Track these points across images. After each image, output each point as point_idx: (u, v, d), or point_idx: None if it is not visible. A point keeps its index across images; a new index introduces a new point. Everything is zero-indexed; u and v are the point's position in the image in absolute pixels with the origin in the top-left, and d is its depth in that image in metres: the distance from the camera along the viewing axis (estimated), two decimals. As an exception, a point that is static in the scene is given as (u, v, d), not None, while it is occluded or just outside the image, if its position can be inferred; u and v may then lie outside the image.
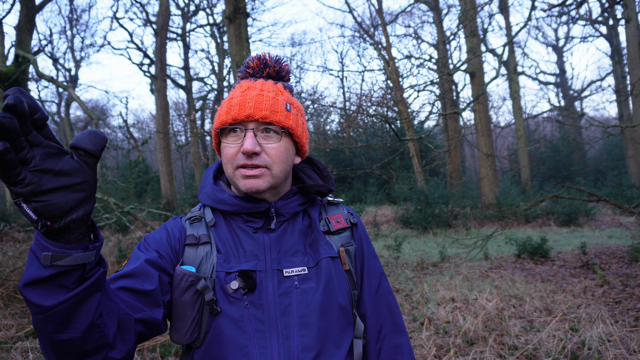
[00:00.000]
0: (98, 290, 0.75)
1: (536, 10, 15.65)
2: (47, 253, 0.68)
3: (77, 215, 0.67)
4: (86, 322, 0.74)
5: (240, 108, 0.99)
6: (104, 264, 0.77)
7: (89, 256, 0.71)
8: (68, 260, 0.69)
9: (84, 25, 24.96)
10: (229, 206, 1.05)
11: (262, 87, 1.04)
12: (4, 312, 4.67)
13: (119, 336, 0.82)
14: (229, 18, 5.31)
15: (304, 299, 0.99)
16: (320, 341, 0.98)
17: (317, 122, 22.81)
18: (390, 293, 1.15)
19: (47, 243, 0.68)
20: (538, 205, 10.75)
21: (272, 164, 1.00)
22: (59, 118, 26.17)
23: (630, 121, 15.93)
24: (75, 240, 0.70)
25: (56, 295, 0.71)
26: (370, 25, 19.83)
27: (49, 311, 0.71)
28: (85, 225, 0.71)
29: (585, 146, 24.18)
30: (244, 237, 1.04)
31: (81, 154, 0.66)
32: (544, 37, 33.22)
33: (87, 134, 0.67)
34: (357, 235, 1.14)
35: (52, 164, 0.64)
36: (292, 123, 1.03)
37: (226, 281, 0.99)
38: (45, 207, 0.64)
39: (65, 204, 0.66)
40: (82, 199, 0.67)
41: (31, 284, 0.70)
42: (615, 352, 3.32)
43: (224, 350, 0.96)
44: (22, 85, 6.08)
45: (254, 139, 0.98)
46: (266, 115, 0.98)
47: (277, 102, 1.01)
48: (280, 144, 1.01)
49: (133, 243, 8.21)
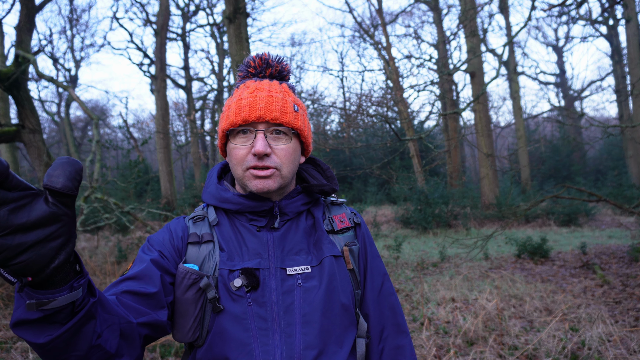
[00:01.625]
0: (91, 319, 0.74)
1: (536, 10, 15.66)
2: (31, 301, 0.65)
3: (58, 262, 0.63)
4: (84, 348, 0.74)
5: (250, 109, 0.99)
6: (94, 293, 0.76)
7: (75, 295, 0.69)
8: (54, 304, 0.66)
9: (84, 25, 24.95)
10: (232, 205, 1.05)
11: (270, 88, 1.04)
12: (4, 312, 4.67)
13: (124, 344, 0.82)
14: (229, 18, 5.31)
15: (307, 297, 0.99)
16: (323, 339, 0.98)
17: (317, 122, 22.81)
18: (393, 294, 1.15)
19: (30, 291, 0.65)
20: (538, 205, 10.75)
21: (282, 165, 1.01)
22: (59, 118, 26.16)
23: (630, 121, 15.92)
24: (61, 281, 0.67)
25: (49, 332, 0.70)
26: (370, 25, 19.83)
27: (45, 347, 0.70)
28: (68, 263, 0.67)
29: (585, 146, 24.17)
30: (247, 235, 1.04)
31: (56, 196, 0.60)
32: (544, 37, 33.25)
33: (59, 168, 0.60)
34: (360, 235, 1.14)
35: (23, 218, 0.57)
36: (300, 124, 1.04)
37: (229, 279, 0.99)
38: (24, 268, 0.59)
39: (44, 257, 0.60)
40: (61, 245, 0.62)
41: (20, 324, 0.69)
42: (615, 352, 3.32)
43: (227, 348, 0.96)
44: (22, 85, 6.07)
45: (264, 141, 0.98)
46: (277, 116, 0.99)
47: (286, 103, 1.02)
48: (290, 145, 1.02)
49: (133, 243, 8.21)
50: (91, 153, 6.14)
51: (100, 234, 11.10)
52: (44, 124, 31.45)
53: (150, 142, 27.01)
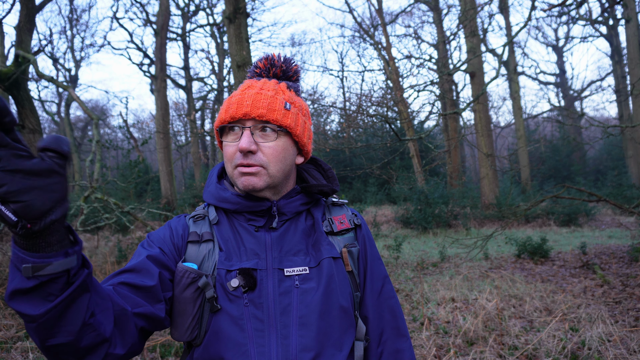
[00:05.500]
0: (85, 291, 0.75)
1: (536, 10, 15.65)
2: (27, 265, 0.67)
3: (55, 215, 0.66)
4: (78, 324, 0.74)
5: (238, 106, 0.99)
6: (88, 265, 0.77)
7: (70, 262, 0.70)
8: (50, 269, 0.68)
9: (84, 25, 24.98)
10: (231, 204, 1.05)
11: (262, 86, 1.04)
12: (4, 312, 4.67)
13: (117, 332, 0.82)
14: (229, 18, 5.31)
15: (305, 299, 0.99)
16: (320, 342, 0.97)
17: (317, 122, 22.81)
18: (393, 297, 1.14)
19: (25, 255, 0.67)
20: (538, 205, 10.75)
21: (269, 163, 1.00)
22: (59, 118, 26.16)
23: (630, 121, 15.92)
24: (56, 243, 0.69)
25: (44, 304, 0.70)
26: (370, 25, 19.83)
27: (39, 319, 0.70)
28: (63, 227, 0.70)
29: (585, 146, 24.18)
30: (245, 235, 1.04)
31: (51, 156, 0.65)
32: (544, 37, 33.22)
33: (52, 138, 0.66)
34: (360, 237, 1.13)
35: (22, 165, 0.62)
36: (290, 122, 1.02)
37: (227, 279, 0.99)
38: (24, 208, 0.63)
39: (43, 204, 0.64)
40: (58, 199, 0.66)
41: (16, 294, 0.70)
42: (615, 352, 3.32)
43: (222, 348, 0.96)
44: (22, 85, 6.07)
45: (250, 137, 0.98)
46: (263, 113, 0.98)
47: (276, 101, 1.01)
48: (277, 142, 1.01)
49: (133, 243, 8.21)
50: (91, 153, 6.14)
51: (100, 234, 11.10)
52: (44, 124, 31.43)
53: (150, 142, 27.03)
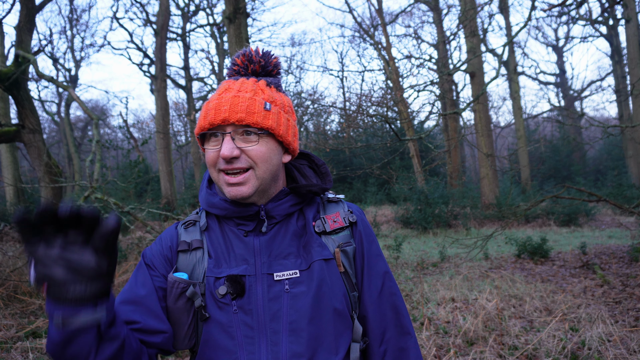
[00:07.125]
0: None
1: (536, 10, 15.66)
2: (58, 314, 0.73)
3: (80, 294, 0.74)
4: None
5: (216, 112, 0.96)
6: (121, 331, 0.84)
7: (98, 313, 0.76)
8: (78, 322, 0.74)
9: (84, 25, 24.96)
10: (219, 210, 1.03)
11: (239, 88, 0.99)
12: (4, 312, 4.67)
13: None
14: (229, 18, 5.31)
15: (295, 304, 0.96)
16: (311, 347, 0.95)
17: (317, 122, 22.81)
18: (395, 293, 1.09)
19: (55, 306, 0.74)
20: (538, 205, 10.75)
21: (255, 165, 0.97)
22: (59, 118, 26.17)
23: (630, 121, 15.92)
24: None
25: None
26: (370, 25, 19.84)
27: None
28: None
29: (585, 146, 24.17)
30: (235, 240, 1.02)
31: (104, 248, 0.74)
32: (544, 37, 33.15)
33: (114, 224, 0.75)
34: (357, 234, 1.08)
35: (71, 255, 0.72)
36: (271, 123, 0.98)
37: (215, 286, 0.97)
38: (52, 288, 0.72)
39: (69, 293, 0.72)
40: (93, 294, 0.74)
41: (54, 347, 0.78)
42: (615, 352, 3.32)
43: (214, 356, 0.96)
44: (22, 85, 6.06)
45: (231, 144, 0.95)
46: (242, 117, 0.94)
47: (254, 103, 0.97)
48: (261, 145, 0.97)
49: (133, 243, 8.21)
50: (91, 153, 6.15)
51: (100, 234, 11.07)
52: (44, 124, 31.46)
53: (150, 142, 27.00)
